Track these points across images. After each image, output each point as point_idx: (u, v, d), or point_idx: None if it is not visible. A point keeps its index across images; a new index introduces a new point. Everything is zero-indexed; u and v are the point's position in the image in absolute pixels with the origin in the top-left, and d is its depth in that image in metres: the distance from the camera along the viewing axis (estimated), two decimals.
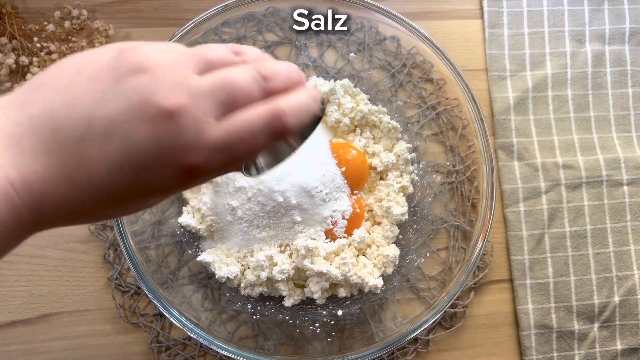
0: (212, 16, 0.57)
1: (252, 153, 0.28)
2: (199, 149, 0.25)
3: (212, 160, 0.26)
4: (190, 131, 0.25)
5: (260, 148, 0.27)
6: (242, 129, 0.26)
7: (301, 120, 0.28)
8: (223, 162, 0.26)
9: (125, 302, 0.58)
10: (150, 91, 0.24)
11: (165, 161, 0.25)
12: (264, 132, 0.27)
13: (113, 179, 0.25)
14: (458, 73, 0.59)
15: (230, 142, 0.26)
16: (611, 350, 0.62)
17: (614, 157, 0.65)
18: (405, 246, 0.61)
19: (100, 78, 0.25)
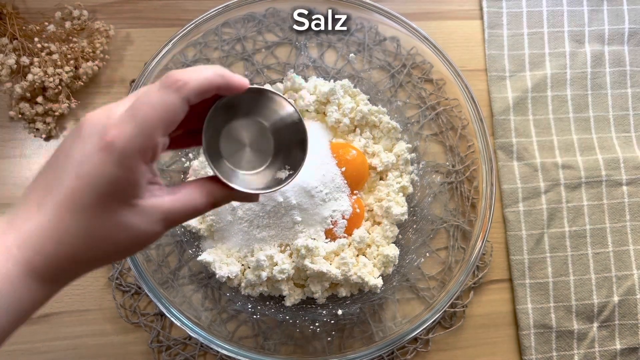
0: (212, 17, 0.57)
1: (158, 113, 0.30)
2: (111, 126, 0.30)
3: (122, 131, 0.29)
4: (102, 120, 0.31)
5: (163, 107, 0.30)
6: (139, 98, 0.31)
7: (195, 75, 0.31)
8: (135, 128, 0.29)
9: (126, 301, 0.59)
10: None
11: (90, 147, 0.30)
12: (157, 90, 0.30)
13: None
14: (457, 73, 0.59)
15: (131, 110, 0.30)
16: (610, 349, 0.62)
17: (613, 157, 0.66)
18: (405, 246, 0.61)
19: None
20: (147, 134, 0.30)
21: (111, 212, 0.30)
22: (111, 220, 0.30)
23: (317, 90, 0.61)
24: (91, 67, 0.60)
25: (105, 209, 0.30)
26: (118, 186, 0.30)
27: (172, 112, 0.30)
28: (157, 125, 0.30)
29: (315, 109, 0.61)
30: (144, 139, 0.30)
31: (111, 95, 0.62)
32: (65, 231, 0.30)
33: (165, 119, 0.30)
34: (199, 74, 0.31)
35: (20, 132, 0.61)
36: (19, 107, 0.59)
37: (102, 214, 0.30)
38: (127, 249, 0.32)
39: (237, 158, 0.38)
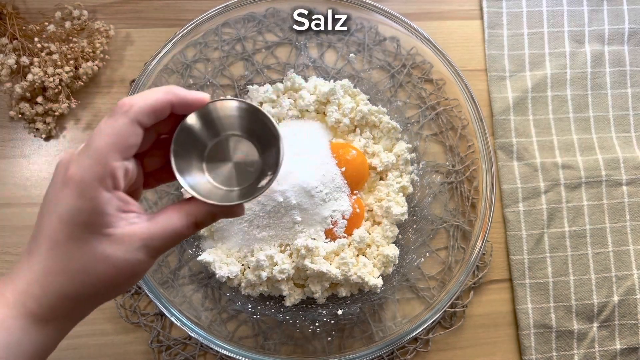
0: (212, 17, 0.57)
1: (109, 138, 0.31)
2: (71, 159, 0.32)
3: (80, 160, 0.31)
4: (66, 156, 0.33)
5: (113, 132, 0.31)
6: (96, 128, 0.32)
7: (143, 96, 0.32)
8: (91, 157, 0.31)
9: (126, 301, 0.59)
10: None
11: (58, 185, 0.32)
12: (108, 117, 0.32)
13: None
14: (457, 73, 0.59)
15: (87, 143, 0.31)
16: (610, 349, 0.62)
17: (613, 157, 0.66)
18: (405, 246, 0.61)
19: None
20: (100, 161, 0.31)
21: (85, 244, 0.31)
22: (87, 253, 0.31)
23: (317, 90, 0.61)
24: (91, 67, 0.60)
25: (79, 242, 0.31)
26: (85, 217, 0.31)
27: (122, 135, 0.31)
28: (108, 151, 0.31)
29: (315, 109, 0.61)
30: (99, 167, 0.31)
31: (111, 95, 0.62)
32: (48, 270, 0.31)
33: (116, 143, 0.31)
34: (146, 95, 0.32)
35: (20, 132, 0.61)
36: (19, 107, 0.59)
37: (77, 247, 0.31)
38: (113, 281, 0.32)
39: (224, 176, 0.37)
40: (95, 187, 0.30)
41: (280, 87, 0.61)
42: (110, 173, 0.31)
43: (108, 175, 0.31)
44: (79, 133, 0.62)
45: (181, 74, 0.60)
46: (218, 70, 0.62)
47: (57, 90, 0.59)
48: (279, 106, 0.60)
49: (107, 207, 0.31)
